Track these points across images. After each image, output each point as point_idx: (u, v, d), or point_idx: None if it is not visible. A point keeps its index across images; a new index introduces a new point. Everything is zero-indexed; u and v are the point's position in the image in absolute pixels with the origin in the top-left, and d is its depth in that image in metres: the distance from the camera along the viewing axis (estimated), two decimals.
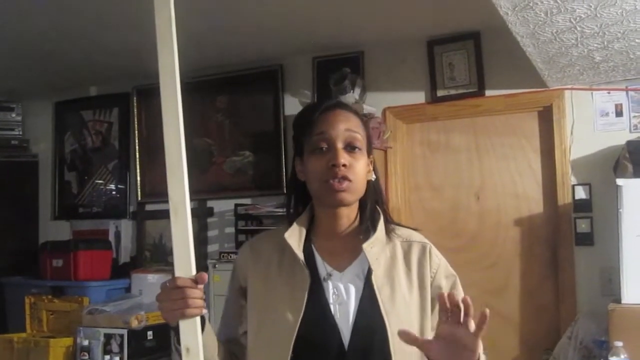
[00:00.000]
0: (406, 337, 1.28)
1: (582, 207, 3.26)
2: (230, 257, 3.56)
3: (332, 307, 1.43)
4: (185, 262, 1.30)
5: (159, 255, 4.28)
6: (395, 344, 1.38)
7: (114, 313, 3.56)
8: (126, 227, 4.43)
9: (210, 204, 4.14)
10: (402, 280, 1.47)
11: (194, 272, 1.30)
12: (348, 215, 1.50)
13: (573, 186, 3.28)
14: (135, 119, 4.39)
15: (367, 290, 1.44)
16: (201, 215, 4.11)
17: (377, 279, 1.44)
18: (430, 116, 3.64)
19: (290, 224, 1.50)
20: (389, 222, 1.55)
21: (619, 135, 3.21)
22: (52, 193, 4.74)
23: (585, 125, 3.30)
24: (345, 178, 1.42)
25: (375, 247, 1.46)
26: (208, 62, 3.98)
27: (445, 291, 1.48)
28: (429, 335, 1.44)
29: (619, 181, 2.80)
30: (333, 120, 1.47)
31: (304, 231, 1.50)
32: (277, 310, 1.42)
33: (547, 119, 3.39)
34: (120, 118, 4.48)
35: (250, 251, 1.56)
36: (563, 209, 3.31)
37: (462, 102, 3.52)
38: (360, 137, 1.48)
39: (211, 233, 4.11)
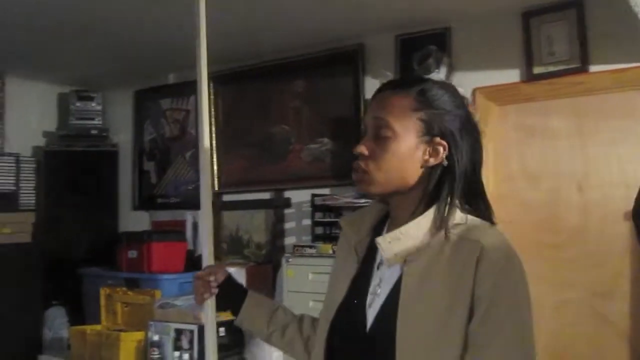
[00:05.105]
0: None
1: None
2: (305, 251, 3.35)
3: (369, 297, 1.35)
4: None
5: (235, 248, 4.12)
6: (402, 354, 1.23)
7: (185, 308, 3.39)
8: None
9: (287, 194, 3.93)
10: (436, 283, 1.24)
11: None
12: (399, 206, 1.37)
13: None
14: (212, 107, 4.22)
15: (397, 285, 1.32)
16: (278, 206, 3.92)
17: (407, 276, 1.28)
18: (525, 97, 3.27)
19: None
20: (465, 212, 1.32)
21: None
22: (132, 183, 4.69)
23: None
24: (358, 168, 1.37)
25: (399, 243, 1.29)
26: (283, 44, 3.77)
27: (482, 298, 1.19)
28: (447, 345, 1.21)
29: None
30: (372, 105, 1.39)
31: (383, 212, 1.45)
32: (332, 291, 1.45)
33: None
34: (197, 106, 4.35)
35: (350, 221, 1.52)
36: None
37: (563, 80, 3.13)
38: (385, 124, 1.32)
39: (288, 225, 3.90)
